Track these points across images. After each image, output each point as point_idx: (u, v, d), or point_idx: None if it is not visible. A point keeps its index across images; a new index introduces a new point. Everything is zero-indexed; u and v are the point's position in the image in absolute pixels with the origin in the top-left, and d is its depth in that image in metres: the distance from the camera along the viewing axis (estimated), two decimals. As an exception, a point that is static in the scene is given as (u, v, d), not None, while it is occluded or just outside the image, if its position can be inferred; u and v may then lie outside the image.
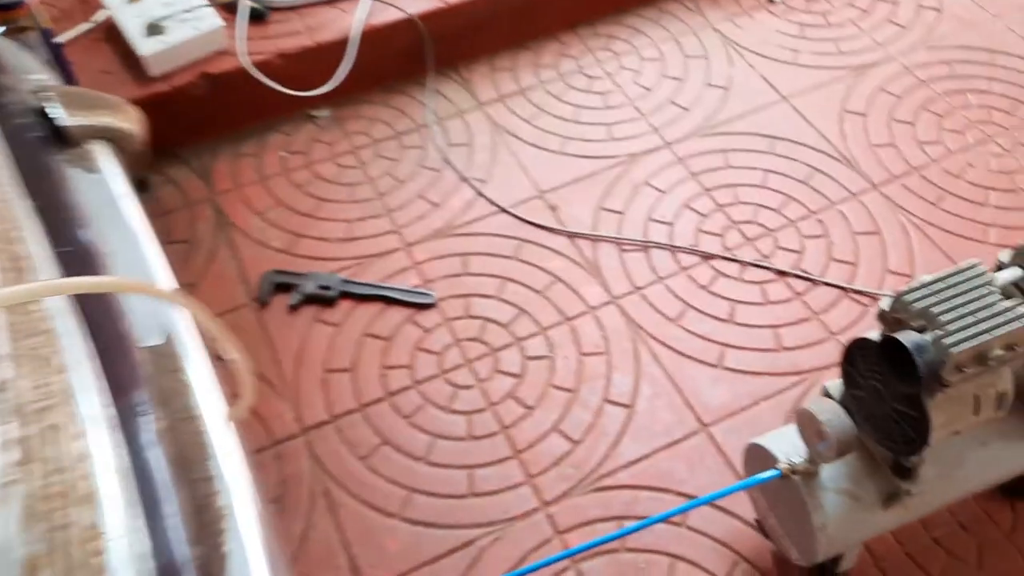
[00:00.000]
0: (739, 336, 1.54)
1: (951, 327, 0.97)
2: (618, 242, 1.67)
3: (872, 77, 1.93)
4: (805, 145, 1.82)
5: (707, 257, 1.65)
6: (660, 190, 1.75)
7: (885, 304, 1.04)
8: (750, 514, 1.31)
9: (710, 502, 1.31)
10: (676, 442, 1.42)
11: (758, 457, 1.19)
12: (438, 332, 1.55)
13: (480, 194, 1.75)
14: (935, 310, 0.98)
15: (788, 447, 1.14)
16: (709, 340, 1.54)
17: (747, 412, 1.45)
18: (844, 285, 1.60)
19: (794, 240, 1.67)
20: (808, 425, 1.07)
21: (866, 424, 1.10)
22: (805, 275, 1.62)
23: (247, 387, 0.71)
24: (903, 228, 1.68)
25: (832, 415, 1.03)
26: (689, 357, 1.52)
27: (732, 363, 1.51)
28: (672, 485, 1.37)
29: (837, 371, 1.08)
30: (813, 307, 1.58)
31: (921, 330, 0.99)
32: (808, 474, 1.11)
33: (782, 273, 1.62)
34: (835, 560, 1.21)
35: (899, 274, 1.61)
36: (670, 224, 1.70)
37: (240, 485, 0.71)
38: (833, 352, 1.51)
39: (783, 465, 1.10)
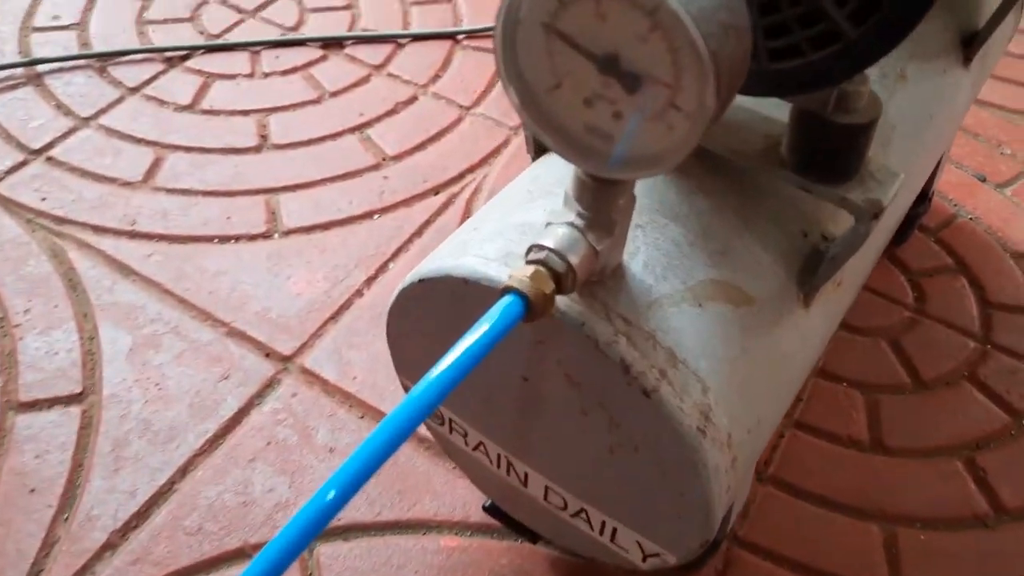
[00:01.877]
0: (295, 167, 0.71)
1: None
2: (-36, 83, 0.74)
3: None
4: None
5: (176, 59, 0.79)
6: (35, -24, 0.85)
7: None
8: (473, 499, 0.50)
9: (342, 503, 0.44)
10: (227, 430, 0.55)
11: (420, 329, 0.38)
12: None
13: None
14: None
15: (497, 246, 0.34)
16: (237, 195, 0.69)
17: (363, 300, 0.63)
18: (450, 30, 0.85)
19: (330, -8, 0.88)
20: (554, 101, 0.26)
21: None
22: (369, 35, 0.83)
23: None
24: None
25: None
26: (200, 240, 0.65)
27: (295, 219, 0.67)
28: (249, 527, 0.50)
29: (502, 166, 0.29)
30: (408, 77, 0.80)
31: None
32: (596, 285, 0.32)
33: (332, 44, 0.82)
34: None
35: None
36: (73, 27, 0.81)
37: None
38: (474, 141, 0.75)
39: (519, 276, 0.29)
